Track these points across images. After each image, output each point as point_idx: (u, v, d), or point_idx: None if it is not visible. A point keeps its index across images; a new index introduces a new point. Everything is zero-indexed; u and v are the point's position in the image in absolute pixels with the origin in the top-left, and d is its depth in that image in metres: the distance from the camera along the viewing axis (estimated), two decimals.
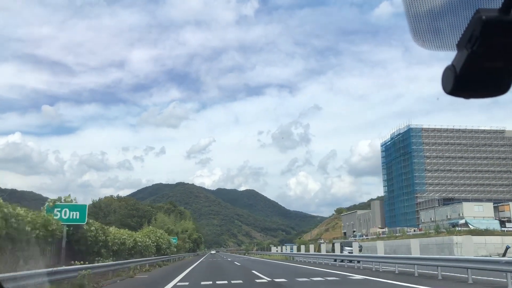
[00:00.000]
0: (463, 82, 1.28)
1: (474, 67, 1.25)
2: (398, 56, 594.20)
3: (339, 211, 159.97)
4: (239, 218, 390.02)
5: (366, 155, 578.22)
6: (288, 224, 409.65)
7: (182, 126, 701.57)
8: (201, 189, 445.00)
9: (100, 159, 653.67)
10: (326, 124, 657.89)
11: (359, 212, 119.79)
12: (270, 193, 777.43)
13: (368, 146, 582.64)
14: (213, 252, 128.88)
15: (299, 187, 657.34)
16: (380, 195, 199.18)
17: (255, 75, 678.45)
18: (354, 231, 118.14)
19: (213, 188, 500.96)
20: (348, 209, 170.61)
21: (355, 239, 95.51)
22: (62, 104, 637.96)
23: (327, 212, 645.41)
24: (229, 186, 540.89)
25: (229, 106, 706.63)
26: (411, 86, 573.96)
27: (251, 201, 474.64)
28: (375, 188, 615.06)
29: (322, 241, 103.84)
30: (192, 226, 79.42)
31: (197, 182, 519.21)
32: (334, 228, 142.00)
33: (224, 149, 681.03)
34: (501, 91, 1.32)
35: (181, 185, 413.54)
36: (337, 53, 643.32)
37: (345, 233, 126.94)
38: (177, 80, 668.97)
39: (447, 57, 1.31)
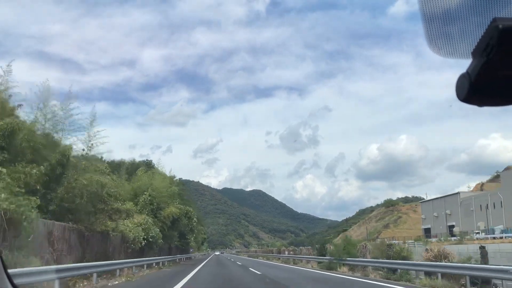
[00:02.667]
0: (478, 90, 1.21)
1: (489, 75, 1.18)
2: (409, 61, 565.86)
3: (389, 203, 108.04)
4: (246, 218, 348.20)
5: (374, 159, 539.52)
6: (297, 226, 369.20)
7: (190, 126, 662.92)
8: (207, 187, 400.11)
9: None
10: (335, 127, 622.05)
11: (465, 195, 67.74)
12: (277, 195, 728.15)
13: (377, 150, 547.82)
14: (217, 253, 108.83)
15: (306, 190, 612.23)
16: (388, 198, 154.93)
17: (265, 77, 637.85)
18: (452, 226, 66.31)
19: (219, 188, 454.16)
20: (407, 200, 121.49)
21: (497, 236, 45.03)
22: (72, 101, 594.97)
23: (333, 215, 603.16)
24: (235, 187, 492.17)
25: (238, 107, 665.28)
26: (421, 92, 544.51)
27: (258, 201, 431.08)
28: (383, 193, 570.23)
29: (395, 240, 53.08)
30: (170, 189, 28.28)
31: (204, 182, 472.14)
32: (397, 223, 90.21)
33: (232, 150, 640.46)
34: None
35: (185, 182, 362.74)
36: (347, 57, 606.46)
37: (427, 230, 75.02)
38: (187, 80, 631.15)
39: (459, 63, 1.24)
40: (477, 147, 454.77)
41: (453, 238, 50.33)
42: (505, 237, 44.44)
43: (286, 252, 52.96)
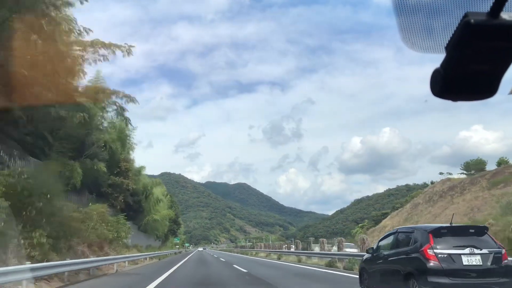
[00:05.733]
0: (451, 85, 1.21)
1: (462, 70, 1.19)
2: (390, 56, 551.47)
3: (473, 165, 66.02)
4: (231, 211, 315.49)
5: (357, 152, 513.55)
6: (284, 219, 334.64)
7: (172, 121, 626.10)
8: (189, 180, 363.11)
9: None
10: (318, 121, 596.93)
11: None
12: (261, 189, 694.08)
13: (360, 143, 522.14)
14: (200, 249, 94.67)
15: (290, 184, 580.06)
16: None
17: (247, 72, 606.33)
18: None
19: (203, 182, 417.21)
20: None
21: None
22: None
23: (317, 209, 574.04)
24: (219, 181, 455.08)
25: (220, 102, 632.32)
26: (401, 86, 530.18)
27: (243, 195, 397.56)
28: (365, 186, 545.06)
29: None
30: None
31: (187, 176, 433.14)
32: None
33: (214, 144, 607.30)
34: (489, 94, 1.25)
35: (166, 174, 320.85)
36: (329, 52, 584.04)
37: None
38: (168, 76, 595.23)
39: (438, 58, 1.23)
40: (459, 139, 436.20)
41: None
42: None
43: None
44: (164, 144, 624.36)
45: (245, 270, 18.10)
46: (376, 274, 8.52)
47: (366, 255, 9.44)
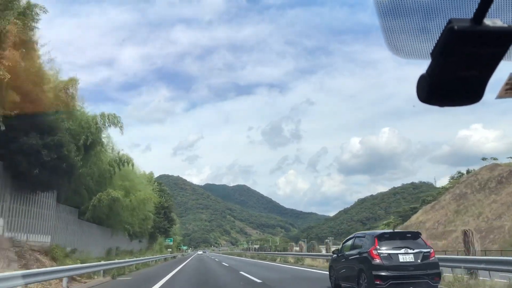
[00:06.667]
0: (437, 91, 1.22)
1: (448, 76, 1.19)
2: (389, 56, 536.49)
3: None
4: (232, 213, 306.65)
5: (357, 153, 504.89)
6: (286, 220, 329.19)
7: (170, 125, 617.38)
8: (188, 183, 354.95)
9: None
10: (316, 123, 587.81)
11: None
12: (261, 191, 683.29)
13: (360, 143, 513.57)
14: (200, 252, 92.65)
15: (289, 186, 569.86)
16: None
17: (246, 74, 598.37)
18: None
19: (202, 184, 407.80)
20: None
21: None
22: None
23: (317, 210, 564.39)
24: (218, 183, 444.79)
25: (219, 105, 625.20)
26: (401, 86, 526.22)
27: (243, 197, 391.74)
28: (365, 187, 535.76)
29: None
30: None
31: (186, 179, 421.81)
32: None
33: (213, 147, 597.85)
34: (474, 99, 1.26)
35: (164, 177, 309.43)
36: (328, 53, 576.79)
37: None
38: (167, 79, 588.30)
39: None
40: (458, 138, 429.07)
41: None
42: None
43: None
44: (162, 146, 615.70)
45: None
46: (340, 271, 10.22)
47: (334, 256, 11.03)
